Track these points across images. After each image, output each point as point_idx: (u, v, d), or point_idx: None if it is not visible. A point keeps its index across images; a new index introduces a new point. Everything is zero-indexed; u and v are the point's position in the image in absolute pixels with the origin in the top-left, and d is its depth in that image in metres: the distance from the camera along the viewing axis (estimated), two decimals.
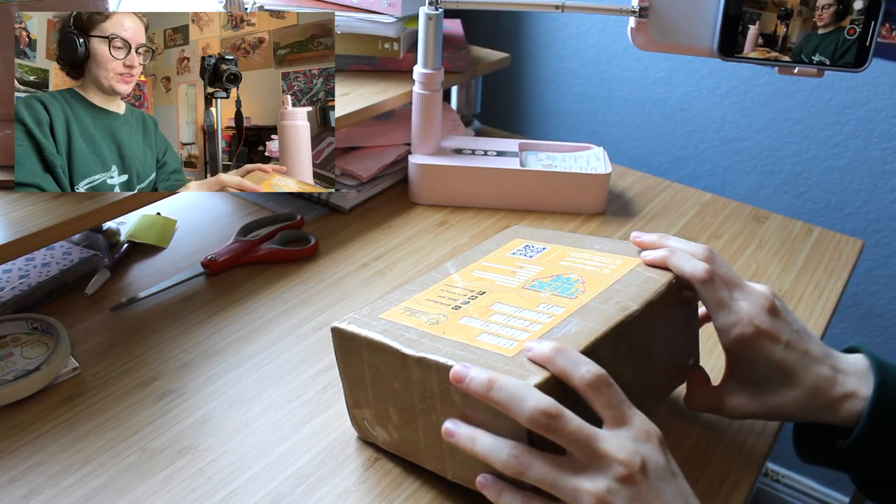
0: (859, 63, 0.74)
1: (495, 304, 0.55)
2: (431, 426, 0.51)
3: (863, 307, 1.23)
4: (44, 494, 0.53)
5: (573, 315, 0.52)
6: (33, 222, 0.64)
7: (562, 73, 1.40)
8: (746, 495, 0.57)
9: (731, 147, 1.26)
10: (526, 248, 0.66)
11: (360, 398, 0.56)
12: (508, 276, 0.60)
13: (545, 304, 0.54)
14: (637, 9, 0.79)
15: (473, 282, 0.60)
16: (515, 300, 0.55)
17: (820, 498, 1.43)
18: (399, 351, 0.50)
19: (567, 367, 0.45)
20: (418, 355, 0.49)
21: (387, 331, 0.52)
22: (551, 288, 0.57)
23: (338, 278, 0.80)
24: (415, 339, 0.51)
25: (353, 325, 0.54)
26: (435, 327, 0.52)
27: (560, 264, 0.61)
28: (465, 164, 0.94)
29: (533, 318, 0.52)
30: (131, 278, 0.79)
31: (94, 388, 0.63)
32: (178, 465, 0.56)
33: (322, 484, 0.55)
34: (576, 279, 0.58)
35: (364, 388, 0.55)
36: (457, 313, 0.54)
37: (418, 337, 0.51)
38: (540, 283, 0.58)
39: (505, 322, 0.52)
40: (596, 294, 0.55)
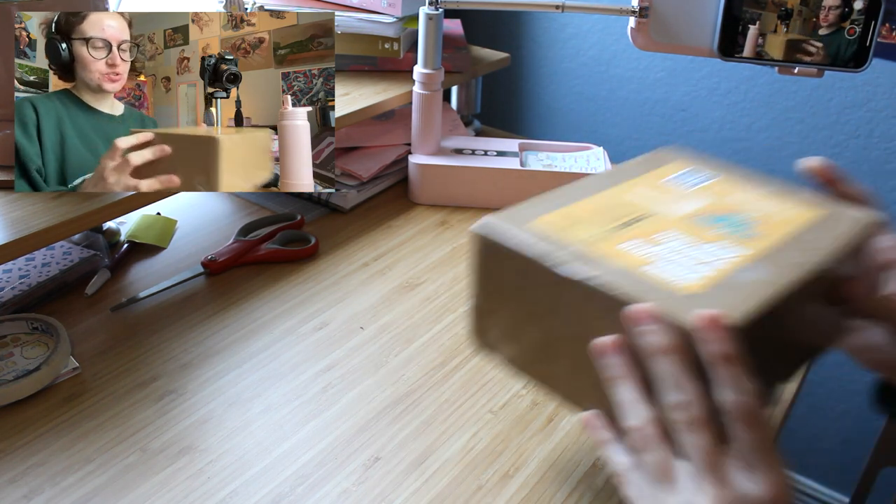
0: (859, 63, 0.74)
1: (660, 232, 0.48)
2: (577, 356, 0.45)
3: None
4: (44, 494, 0.53)
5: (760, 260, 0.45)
6: (33, 222, 0.64)
7: (562, 73, 1.40)
8: None
9: (731, 147, 1.26)
10: (682, 175, 0.57)
11: (494, 307, 0.50)
12: (669, 203, 0.52)
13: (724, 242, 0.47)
14: (637, 9, 0.79)
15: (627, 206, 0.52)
16: (686, 230, 0.48)
17: (820, 498, 1.43)
18: (550, 270, 0.44)
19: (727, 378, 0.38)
20: (570, 278, 0.44)
21: (539, 244, 0.46)
22: (727, 224, 0.49)
23: (338, 278, 0.80)
24: (569, 259, 0.44)
25: (501, 234, 0.48)
26: (594, 247, 0.46)
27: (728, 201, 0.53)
28: (465, 164, 0.94)
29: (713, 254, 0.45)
30: (131, 278, 0.79)
31: (94, 388, 0.63)
32: (178, 465, 0.56)
33: (322, 484, 0.55)
34: (755, 219, 0.50)
35: (501, 298, 0.49)
36: (616, 235, 0.47)
37: (573, 257, 0.45)
38: (710, 217, 0.50)
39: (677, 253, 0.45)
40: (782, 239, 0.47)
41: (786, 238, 0.47)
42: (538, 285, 0.46)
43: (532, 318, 0.48)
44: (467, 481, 0.56)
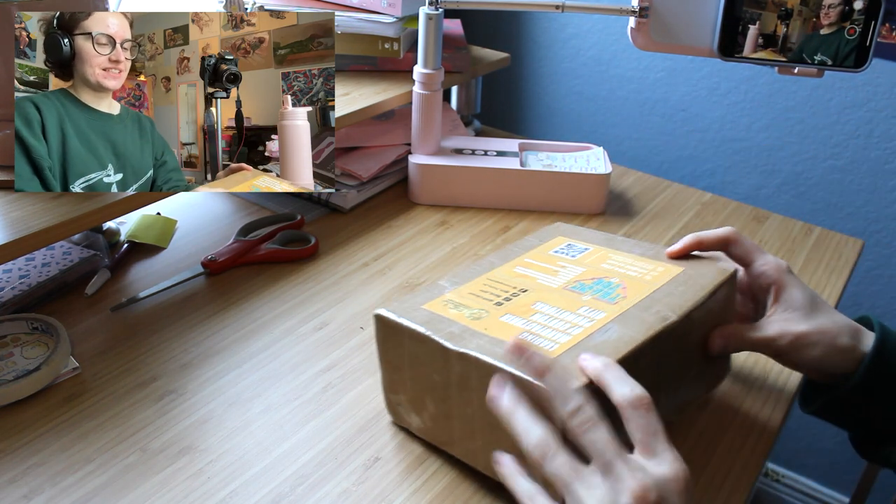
0: (859, 63, 0.74)
1: (537, 303, 0.56)
2: (467, 419, 0.52)
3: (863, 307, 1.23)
4: (44, 494, 0.53)
5: (613, 321, 0.52)
6: (33, 222, 0.64)
7: (562, 73, 1.40)
8: (746, 495, 0.57)
9: (731, 147, 1.26)
10: (568, 247, 0.66)
11: (397, 384, 0.57)
12: (550, 274, 0.61)
13: (586, 308, 0.54)
14: (637, 9, 0.79)
15: (515, 278, 0.60)
16: (557, 301, 0.56)
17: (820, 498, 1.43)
18: (441, 345, 0.51)
19: (613, 381, 0.45)
20: (460, 351, 0.50)
21: (429, 322, 0.53)
22: (593, 291, 0.57)
23: (338, 278, 0.80)
24: (456, 334, 0.52)
25: (396, 314, 0.55)
26: (477, 323, 0.53)
27: (602, 267, 0.62)
28: (465, 164, 0.94)
29: (574, 322, 0.53)
30: (131, 278, 0.79)
31: (94, 388, 0.63)
32: (178, 465, 0.56)
33: (322, 484, 0.55)
34: (617, 283, 0.58)
35: (402, 374, 0.56)
36: (498, 310, 0.55)
37: (460, 331, 0.52)
38: (582, 284, 0.58)
39: (546, 323, 0.53)
40: (637, 301, 0.55)
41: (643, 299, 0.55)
42: (430, 360, 0.53)
43: (428, 390, 0.54)
44: (467, 481, 0.56)
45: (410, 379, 0.55)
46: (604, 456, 0.42)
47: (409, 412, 0.57)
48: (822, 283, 0.85)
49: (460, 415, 0.52)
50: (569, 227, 0.71)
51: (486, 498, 0.54)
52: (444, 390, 0.53)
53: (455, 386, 0.51)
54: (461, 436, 0.53)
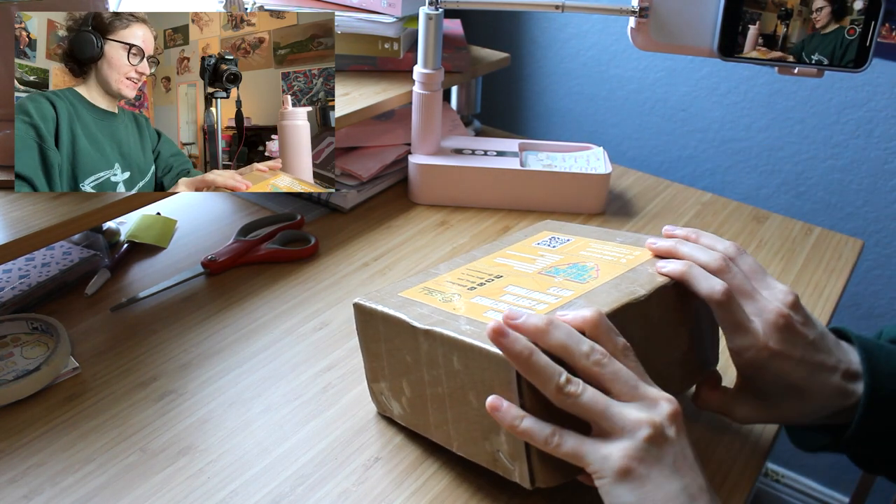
0: (859, 63, 0.74)
1: (508, 286, 0.56)
2: (438, 398, 0.53)
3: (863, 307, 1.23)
4: (44, 494, 0.53)
5: (580, 297, 0.52)
6: (33, 222, 0.64)
7: (562, 73, 1.40)
8: (746, 495, 0.57)
9: (731, 147, 1.26)
10: (551, 239, 0.67)
11: (378, 372, 0.59)
12: (528, 262, 0.62)
13: (556, 288, 0.55)
14: (637, 9, 0.79)
15: (493, 267, 0.61)
16: (528, 283, 0.56)
17: (820, 498, 1.43)
18: (409, 324, 0.52)
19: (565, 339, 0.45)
20: (425, 328, 0.51)
21: (402, 306, 0.55)
22: (566, 274, 0.58)
23: (338, 278, 0.80)
24: (425, 315, 0.53)
25: (371, 301, 0.57)
26: (447, 304, 0.54)
27: (580, 254, 0.62)
28: (465, 164, 0.94)
29: (540, 299, 0.53)
30: (131, 278, 0.79)
31: (94, 388, 0.63)
32: (178, 465, 0.56)
33: (322, 484, 0.55)
34: (591, 267, 0.58)
35: (381, 362, 0.58)
36: (471, 293, 0.56)
37: (430, 312, 0.53)
38: (556, 269, 0.59)
39: (513, 302, 0.53)
40: (607, 280, 0.55)
41: (613, 278, 0.55)
42: (402, 342, 0.54)
43: (403, 373, 0.55)
44: (467, 481, 0.56)
45: (388, 365, 0.57)
46: (628, 383, 0.45)
47: (390, 399, 0.58)
48: (822, 283, 0.85)
49: (432, 395, 0.53)
50: (557, 224, 0.72)
51: (486, 498, 0.54)
52: (416, 371, 0.54)
53: (424, 365, 0.53)
54: (435, 419, 0.54)
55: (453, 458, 0.57)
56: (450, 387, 0.51)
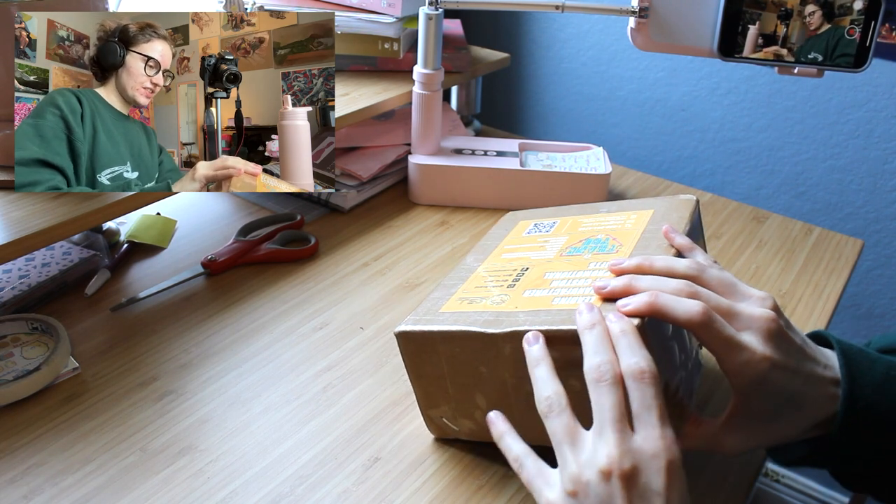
0: (859, 63, 0.74)
1: (546, 274, 0.55)
2: (525, 396, 0.49)
3: (863, 307, 1.23)
4: (44, 494, 0.53)
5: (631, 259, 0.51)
6: (33, 222, 0.64)
7: (562, 73, 1.40)
8: (746, 495, 0.57)
9: (731, 147, 1.26)
10: (536, 226, 0.66)
11: (438, 397, 0.55)
12: (539, 250, 0.60)
13: (594, 262, 0.54)
14: (637, 9, 0.79)
15: (510, 262, 0.59)
16: (563, 266, 0.55)
17: (820, 498, 1.43)
18: (483, 333, 0.50)
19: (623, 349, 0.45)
20: (509, 331, 0.49)
21: (458, 320, 0.52)
22: (590, 249, 0.57)
23: (338, 278, 0.80)
24: (492, 320, 0.50)
25: (419, 325, 0.53)
26: (503, 306, 0.52)
27: (580, 230, 0.62)
28: (465, 164, 0.94)
29: (591, 276, 0.52)
30: (131, 278, 0.79)
31: (94, 388, 0.63)
32: (178, 465, 0.56)
33: (322, 484, 0.55)
34: (606, 237, 0.58)
35: (442, 384, 0.54)
36: (515, 290, 0.54)
37: (494, 317, 0.51)
38: (575, 248, 0.58)
39: (568, 286, 0.52)
40: (635, 243, 0.55)
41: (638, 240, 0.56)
42: (472, 354, 0.51)
43: (476, 386, 0.53)
44: (467, 481, 0.56)
45: (453, 385, 0.54)
46: (602, 418, 0.43)
47: (456, 419, 0.56)
48: (822, 283, 0.85)
49: (517, 398, 0.51)
50: (522, 213, 0.71)
51: (486, 498, 0.54)
52: (494, 380, 0.51)
53: (507, 370, 0.50)
54: (522, 418, 0.50)
55: (453, 458, 0.57)
56: None
